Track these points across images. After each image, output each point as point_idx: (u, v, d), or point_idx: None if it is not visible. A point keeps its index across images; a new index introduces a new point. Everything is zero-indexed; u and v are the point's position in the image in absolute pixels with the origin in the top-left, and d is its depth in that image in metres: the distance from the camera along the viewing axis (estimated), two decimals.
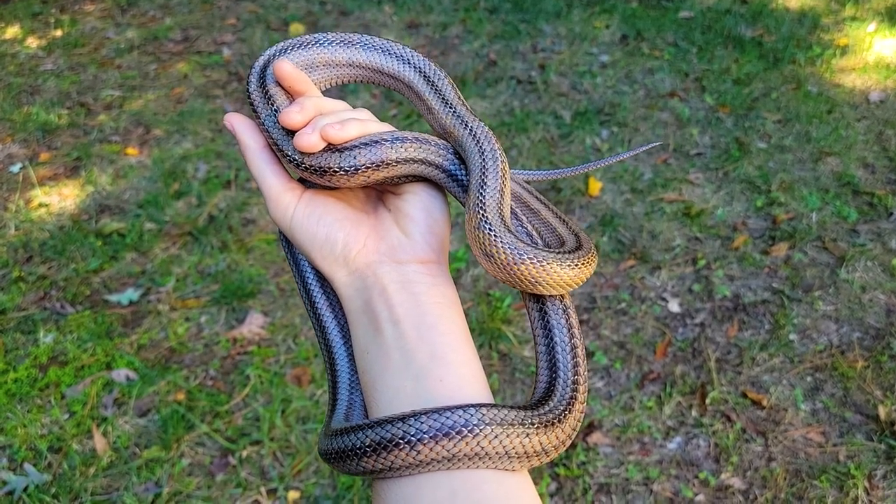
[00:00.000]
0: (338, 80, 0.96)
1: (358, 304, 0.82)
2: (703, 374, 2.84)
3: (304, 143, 0.80)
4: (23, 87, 5.02)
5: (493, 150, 0.84)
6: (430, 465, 0.70)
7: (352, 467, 0.75)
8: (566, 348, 0.83)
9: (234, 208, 3.76)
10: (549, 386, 0.81)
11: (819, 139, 4.09)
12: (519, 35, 5.44)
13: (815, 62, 4.86)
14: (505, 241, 0.78)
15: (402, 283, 0.80)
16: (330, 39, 0.94)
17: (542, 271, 0.78)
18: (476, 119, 0.88)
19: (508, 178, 0.85)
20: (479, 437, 0.70)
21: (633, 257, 3.37)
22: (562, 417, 0.77)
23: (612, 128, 4.32)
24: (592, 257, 0.83)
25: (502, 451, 0.71)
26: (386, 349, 0.77)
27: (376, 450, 0.72)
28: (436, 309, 0.79)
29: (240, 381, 2.86)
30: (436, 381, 0.75)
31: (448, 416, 0.71)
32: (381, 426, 0.73)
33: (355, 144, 0.82)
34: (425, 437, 0.70)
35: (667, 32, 5.36)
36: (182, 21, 5.96)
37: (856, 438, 2.60)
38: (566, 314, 0.85)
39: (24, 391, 2.84)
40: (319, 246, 0.83)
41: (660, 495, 2.47)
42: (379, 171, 0.83)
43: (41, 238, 3.62)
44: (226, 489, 2.51)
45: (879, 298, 3.12)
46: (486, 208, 0.81)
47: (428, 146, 0.86)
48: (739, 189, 3.78)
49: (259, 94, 0.87)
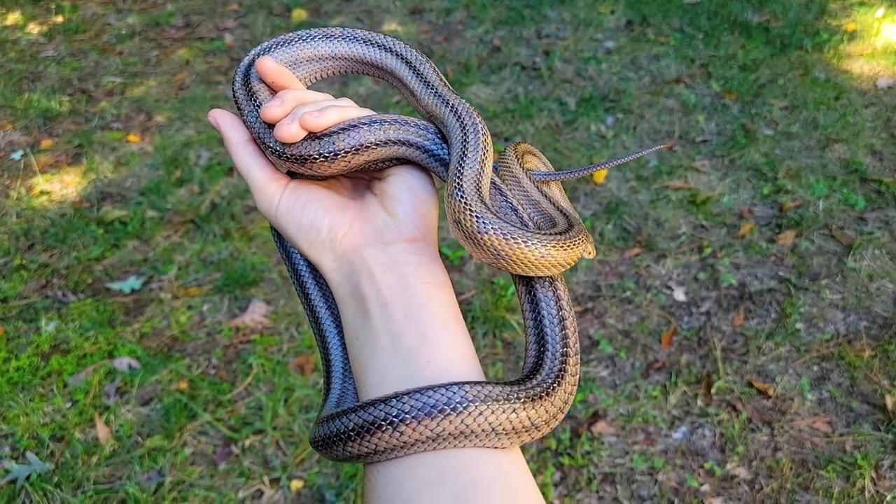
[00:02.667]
0: (323, 74, 0.99)
1: (346, 288, 0.81)
2: (708, 364, 2.82)
3: (285, 133, 0.81)
4: (24, 74, 4.99)
5: (475, 124, 0.85)
6: (415, 446, 0.70)
7: (339, 453, 0.75)
8: (554, 321, 0.82)
9: (236, 196, 3.73)
10: (537, 360, 0.81)
11: (826, 126, 4.05)
12: (523, 21, 5.39)
13: (823, 48, 4.81)
14: (474, 210, 0.78)
15: (389, 265, 0.80)
16: (312, 35, 0.96)
17: (504, 245, 0.77)
18: (458, 97, 0.89)
19: (490, 152, 0.85)
20: (464, 415, 0.69)
21: (639, 245, 3.35)
22: (550, 391, 0.76)
23: (618, 114, 4.28)
24: (568, 243, 0.81)
25: (489, 429, 0.70)
26: (374, 333, 0.77)
27: (360, 433, 0.71)
28: (424, 289, 0.79)
29: (242, 370, 2.85)
30: (424, 363, 0.74)
31: (430, 395, 0.70)
32: (364, 409, 0.72)
33: (334, 131, 0.83)
34: (408, 418, 0.69)
35: (672, 18, 5.31)
36: (184, 7, 5.92)
37: (862, 428, 2.58)
38: (553, 286, 0.84)
39: (26, 380, 2.83)
40: (305, 232, 0.83)
41: (665, 485, 2.46)
42: (359, 156, 0.84)
43: (43, 226, 3.60)
44: (228, 478, 2.50)
45: (887, 287, 3.09)
46: (463, 178, 0.80)
47: (407, 127, 0.86)
48: (746, 176, 3.75)
49: (243, 91, 0.89)
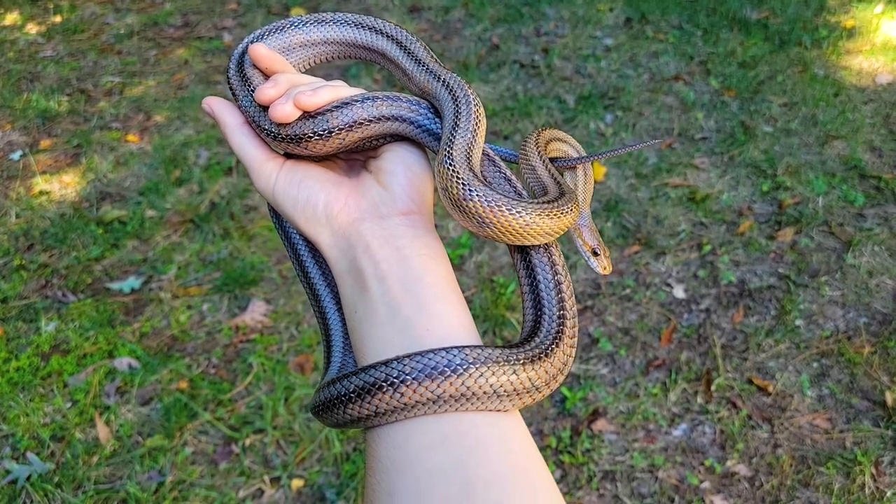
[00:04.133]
0: (316, 60, 1.00)
1: (343, 264, 0.81)
2: (708, 361, 2.82)
3: (279, 113, 0.82)
4: (22, 74, 4.99)
5: (467, 95, 0.85)
6: (416, 408, 0.70)
7: (339, 417, 0.75)
8: (549, 286, 0.83)
9: (235, 195, 3.73)
10: (534, 324, 0.81)
11: (825, 122, 4.05)
12: (522, 18, 5.39)
13: (822, 44, 4.80)
14: (461, 177, 0.78)
15: (386, 238, 0.80)
16: (304, 20, 0.97)
17: (489, 212, 0.77)
18: (449, 72, 0.89)
19: (482, 122, 0.85)
20: (464, 376, 0.69)
21: (638, 243, 3.35)
22: (549, 351, 0.76)
23: (617, 112, 4.27)
24: (555, 211, 0.80)
25: (490, 391, 0.70)
26: (373, 305, 0.77)
27: (360, 395, 0.71)
28: (420, 261, 0.79)
29: (242, 370, 2.85)
30: (423, 332, 0.74)
31: (431, 357, 0.71)
32: (365, 371, 0.73)
33: (328, 109, 0.84)
34: (408, 379, 0.69)
35: (671, 15, 5.31)
36: (182, 6, 5.91)
37: (862, 424, 2.58)
38: (548, 253, 0.85)
39: (26, 380, 2.83)
40: (302, 208, 0.84)
41: (665, 482, 2.46)
42: (353, 132, 0.85)
43: (42, 226, 3.60)
44: (229, 477, 2.50)
45: (886, 283, 3.09)
46: (454, 146, 0.81)
47: (400, 103, 0.87)
48: (745, 173, 3.74)
49: (237, 77, 0.90)
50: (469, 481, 0.66)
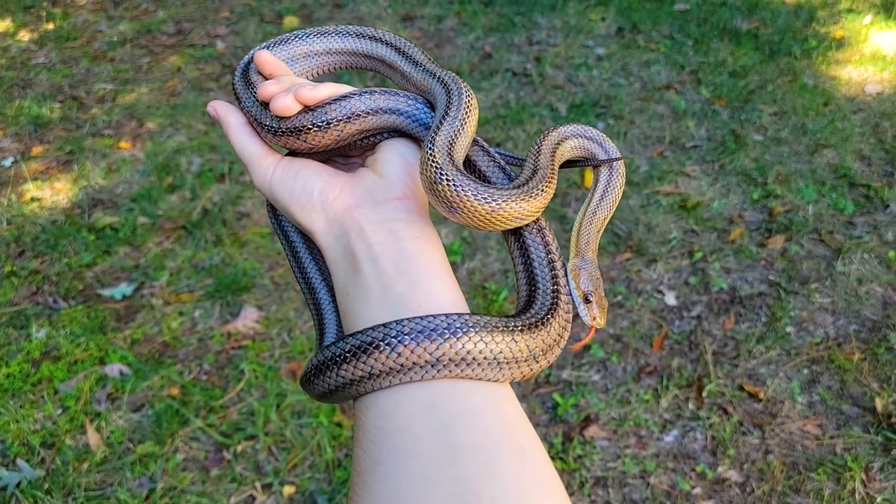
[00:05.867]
0: (319, 70, 1.03)
1: (338, 250, 0.82)
2: (699, 367, 2.83)
3: (280, 105, 0.84)
4: (14, 81, 4.98)
5: (459, 88, 0.87)
6: (412, 370, 0.69)
7: (331, 381, 0.74)
8: (543, 263, 0.84)
9: (228, 202, 3.73)
10: (528, 298, 0.82)
11: (815, 131, 4.08)
12: (514, 27, 5.41)
13: (811, 54, 4.85)
14: (437, 161, 0.79)
15: (380, 223, 0.80)
16: (307, 32, 1.01)
17: (455, 197, 0.78)
18: (445, 71, 0.92)
19: (473, 112, 0.86)
20: (464, 339, 0.69)
21: (630, 250, 3.36)
22: (545, 321, 0.77)
23: (608, 120, 4.30)
24: (523, 196, 0.80)
25: (490, 356, 0.70)
26: (365, 285, 0.77)
27: (356, 354, 0.70)
28: (414, 244, 0.79)
29: (234, 376, 2.84)
30: (415, 307, 0.74)
31: (431, 319, 0.70)
32: (362, 332, 0.72)
33: (327, 102, 0.86)
34: (407, 339, 0.68)
35: (662, 25, 5.35)
36: (175, 14, 5.92)
37: (853, 431, 2.59)
38: (542, 234, 0.86)
39: (16, 386, 2.82)
40: (297, 197, 0.85)
41: (657, 488, 2.46)
42: (351, 124, 0.86)
43: (33, 232, 3.59)
44: (220, 484, 2.49)
45: (876, 290, 3.11)
46: (439, 133, 0.82)
47: (397, 97, 0.89)
48: (736, 181, 3.77)
49: (241, 82, 0.93)
50: (456, 446, 0.65)
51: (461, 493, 0.62)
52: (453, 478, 0.63)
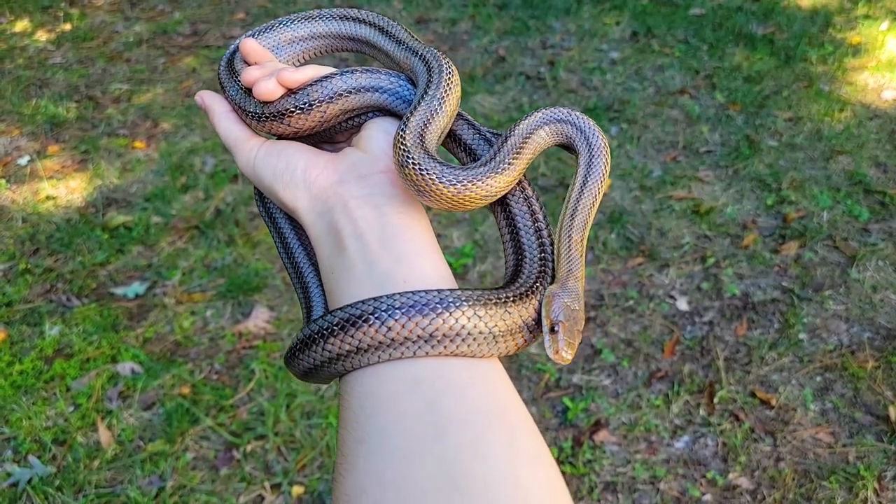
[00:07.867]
0: (305, 55, 1.03)
1: (322, 227, 0.80)
2: (711, 373, 2.82)
3: (262, 90, 0.84)
4: (31, 81, 5.03)
5: (440, 65, 0.85)
6: (403, 345, 0.67)
7: (316, 356, 0.72)
8: (529, 231, 0.83)
9: (241, 202, 3.75)
10: (516, 268, 0.81)
11: (830, 137, 4.05)
12: (528, 31, 5.41)
13: (827, 60, 4.82)
14: (406, 143, 0.78)
15: (364, 198, 0.79)
16: (291, 18, 1.01)
17: (420, 180, 0.76)
18: (427, 48, 0.90)
19: (453, 90, 0.84)
20: (457, 314, 0.67)
21: (642, 255, 3.35)
22: (534, 289, 0.75)
23: (622, 125, 4.29)
24: (483, 176, 0.79)
25: (486, 330, 0.68)
26: (350, 263, 0.75)
27: (344, 327, 0.68)
28: (398, 218, 0.78)
29: (245, 376, 2.85)
30: (401, 283, 0.72)
31: (423, 294, 0.68)
32: (351, 305, 0.70)
33: (309, 84, 0.86)
34: (397, 314, 0.67)
35: (677, 29, 5.33)
36: (191, 15, 5.95)
37: (865, 439, 2.57)
38: (528, 202, 0.85)
39: (29, 383, 2.84)
40: (280, 175, 0.84)
41: (666, 494, 2.45)
42: (334, 104, 0.86)
43: (48, 231, 3.62)
44: (230, 483, 2.50)
45: (891, 298, 3.08)
46: (414, 114, 0.80)
47: (379, 75, 0.88)
48: (749, 187, 3.75)
49: (226, 71, 0.93)
50: (442, 421, 0.63)
51: (447, 470, 0.60)
52: (439, 455, 0.61)
